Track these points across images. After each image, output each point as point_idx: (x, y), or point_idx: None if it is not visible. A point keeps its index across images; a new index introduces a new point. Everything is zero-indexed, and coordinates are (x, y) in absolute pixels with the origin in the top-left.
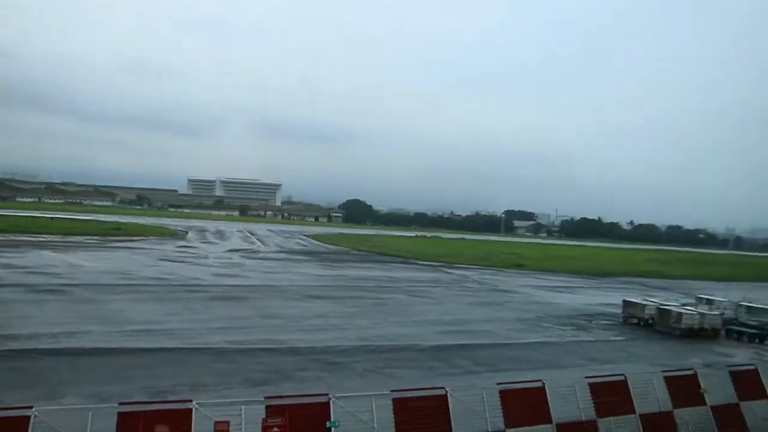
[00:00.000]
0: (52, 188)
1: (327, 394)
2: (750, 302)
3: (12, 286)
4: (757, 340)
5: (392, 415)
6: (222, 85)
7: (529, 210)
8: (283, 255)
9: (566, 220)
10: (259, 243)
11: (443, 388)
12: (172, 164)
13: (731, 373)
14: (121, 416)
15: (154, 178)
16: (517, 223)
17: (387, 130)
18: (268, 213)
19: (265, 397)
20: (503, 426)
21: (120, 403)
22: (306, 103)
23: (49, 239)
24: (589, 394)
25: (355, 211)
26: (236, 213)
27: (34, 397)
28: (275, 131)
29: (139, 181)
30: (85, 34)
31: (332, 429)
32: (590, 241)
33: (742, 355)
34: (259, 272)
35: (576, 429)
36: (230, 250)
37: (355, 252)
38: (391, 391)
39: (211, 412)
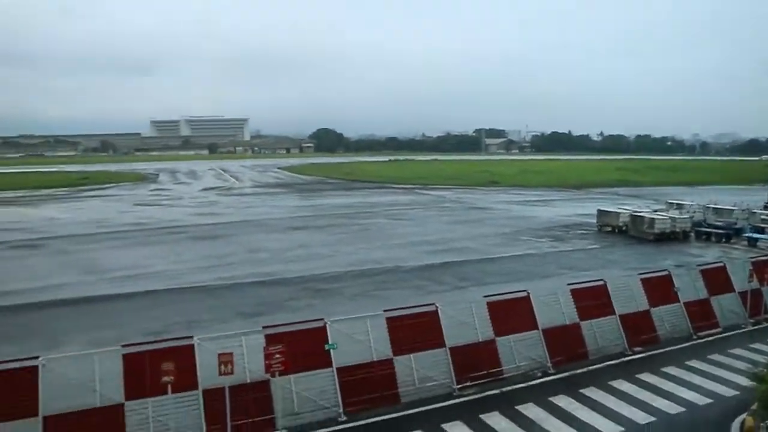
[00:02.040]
0: (8, 142)
1: (322, 319)
2: (716, 204)
3: None
4: (723, 240)
5: (387, 334)
6: (177, 18)
7: (499, 128)
8: (259, 189)
9: (537, 136)
10: (233, 179)
11: (433, 304)
12: (132, 108)
13: (701, 271)
14: (126, 357)
15: (115, 123)
16: (488, 141)
17: (353, 56)
18: (238, 149)
19: (263, 327)
20: (493, 335)
21: (123, 345)
22: (266, 30)
23: (15, 195)
24: (572, 300)
25: (326, 141)
26: (205, 152)
27: (36, 348)
28: (236, 64)
29: (100, 127)
30: None
31: (331, 351)
32: (561, 155)
33: (711, 254)
34: (237, 208)
35: (561, 332)
36: (205, 189)
37: (330, 181)
38: (384, 311)
39: (212, 345)
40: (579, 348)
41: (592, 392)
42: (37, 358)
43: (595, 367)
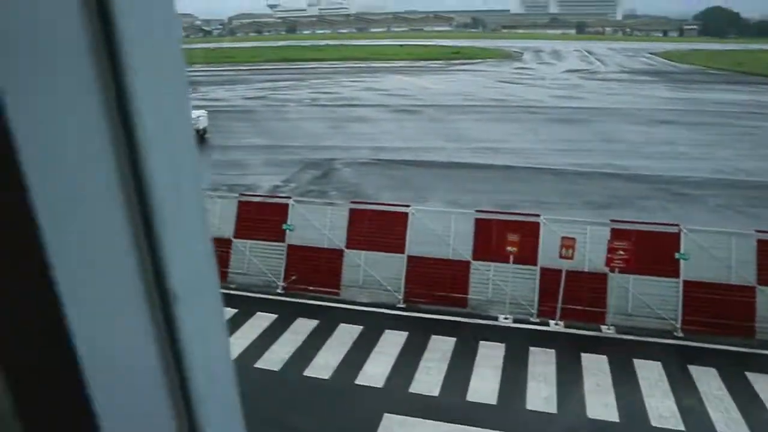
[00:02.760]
0: (397, 17)
1: (677, 225)
2: None
3: (373, 106)
4: None
5: (755, 257)
6: None
7: None
8: (625, 75)
9: None
10: (598, 63)
11: None
12: None
13: None
14: (478, 222)
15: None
16: None
17: None
18: (608, 29)
19: (611, 220)
20: None
21: (476, 210)
22: None
23: (400, 65)
24: None
25: (716, 22)
26: (572, 31)
27: (405, 198)
28: None
29: (472, 4)
30: None
31: (681, 260)
32: None
33: None
34: (599, 94)
35: None
36: (567, 71)
37: (713, 71)
38: (756, 231)
39: (557, 227)
40: None
41: None
42: (408, 206)
43: None
